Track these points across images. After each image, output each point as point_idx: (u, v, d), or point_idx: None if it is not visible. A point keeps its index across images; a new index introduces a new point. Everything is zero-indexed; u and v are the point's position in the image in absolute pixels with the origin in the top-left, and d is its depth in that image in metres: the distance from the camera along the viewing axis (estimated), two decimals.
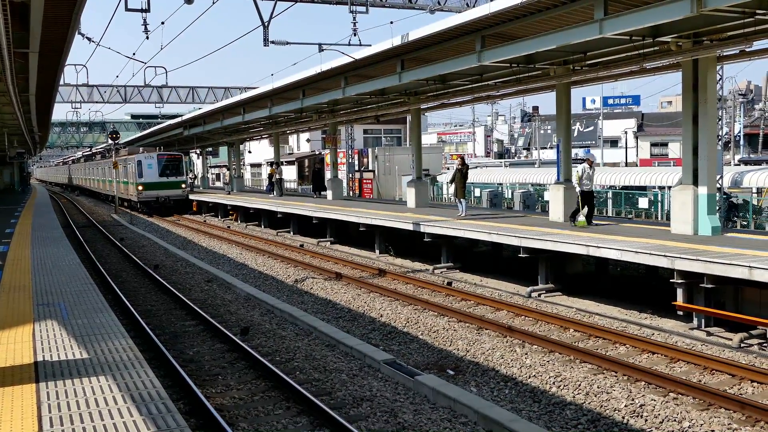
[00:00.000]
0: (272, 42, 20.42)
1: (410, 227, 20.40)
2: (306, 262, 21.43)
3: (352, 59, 20.58)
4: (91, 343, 8.43)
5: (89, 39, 21.10)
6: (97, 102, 43.08)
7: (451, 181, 22.46)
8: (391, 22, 22.44)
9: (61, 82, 27.93)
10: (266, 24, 19.52)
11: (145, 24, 25.56)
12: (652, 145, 69.27)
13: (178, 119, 47.68)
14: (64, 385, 6.80)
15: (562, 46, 14.66)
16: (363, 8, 21.45)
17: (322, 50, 21.30)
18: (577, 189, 17.56)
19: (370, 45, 20.61)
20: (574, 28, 13.72)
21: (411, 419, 8.27)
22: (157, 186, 41.65)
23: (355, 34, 21.46)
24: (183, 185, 42.99)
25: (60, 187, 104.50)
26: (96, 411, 6.09)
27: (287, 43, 21.27)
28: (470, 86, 22.38)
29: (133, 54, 45.80)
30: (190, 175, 52.38)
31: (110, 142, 46.67)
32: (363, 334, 12.99)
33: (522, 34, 15.47)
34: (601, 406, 8.90)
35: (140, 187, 41.48)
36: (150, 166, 41.62)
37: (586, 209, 17.22)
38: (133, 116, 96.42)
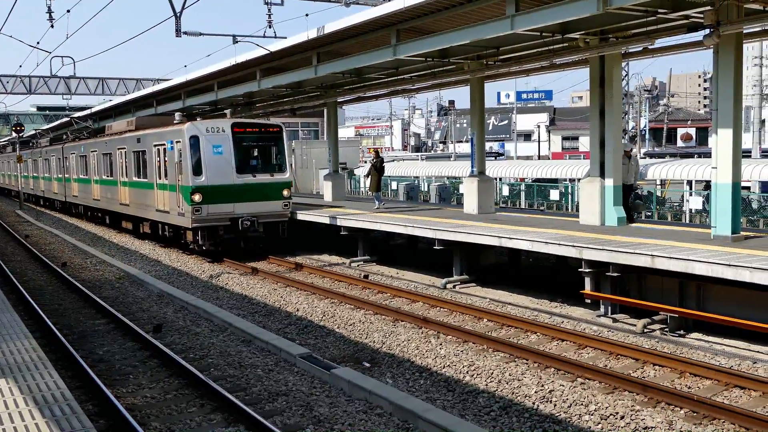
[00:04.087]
0: (185, 33, 19.99)
1: (327, 221, 20.39)
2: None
3: (268, 51, 20.36)
4: None
5: None
6: None
7: (367, 175, 22.57)
8: (307, 15, 22.28)
9: None
10: (178, 14, 19.07)
11: (49, 11, 24.57)
12: (564, 138, 71.31)
13: (87, 111, 45.85)
14: None
15: (475, 41, 14.88)
16: (278, 0, 21.22)
17: (237, 42, 20.99)
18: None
19: (285, 38, 20.44)
20: (487, 23, 13.96)
21: (327, 412, 8.28)
22: (233, 193, 20.04)
23: (270, 26, 21.19)
24: (285, 191, 20.95)
25: None
26: None
27: (200, 34, 20.89)
28: (386, 80, 22.52)
29: (37, 43, 43.93)
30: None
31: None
32: (279, 328, 12.91)
33: (437, 28, 15.64)
34: (513, 393, 9.13)
35: (196, 197, 19.46)
36: (217, 151, 19.95)
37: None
38: (40, 108, 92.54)
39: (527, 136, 71.02)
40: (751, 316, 10.72)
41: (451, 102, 77.49)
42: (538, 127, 67.71)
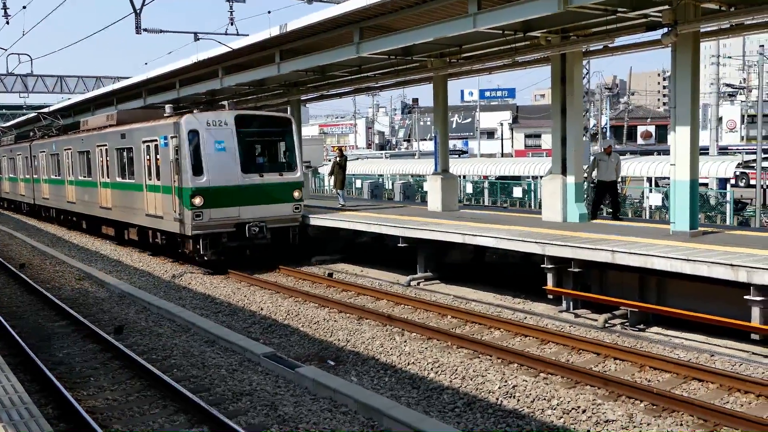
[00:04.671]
0: (145, 30, 19.79)
1: None
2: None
3: (230, 49, 20.19)
4: None
5: None
6: None
7: (331, 173, 22.53)
8: (269, 12, 22.17)
9: None
10: (138, 11, 18.85)
11: (5, 8, 24.12)
12: (527, 136, 71.94)
13: (45, 110, 44.90)
14: None
15: (438, 38, 14.93)
16: None
17: (198, 39, 20.88)
18: (590, 179, 17.47)
19: (247, 35, 20.31)
20: (449, 21, 14.00)
21: (291, 411, 8.25)
22: (238, 195, 17.83)
23: (232, 24, 21.15)
24: (297, 192, 18.82)
25: None
26: None
27: (161, 31, 20.68)
28: (350, 78, 22.46)
29: None
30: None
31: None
32: (243, 328, 12.83)
33: (400, 26, 15.64)
34: (477, 389, 9.19)
35: (196, 200, 17.29)
36: (219, 147, 17.68)
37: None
38: None
39: (490, 134, 71.52)
40: (708, 310, 10.92)
41: (415, 100, 77.77)
42: (501, 124, 68.21)
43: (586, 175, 17.21)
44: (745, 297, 10.13)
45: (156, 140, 18.77)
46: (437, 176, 19.74)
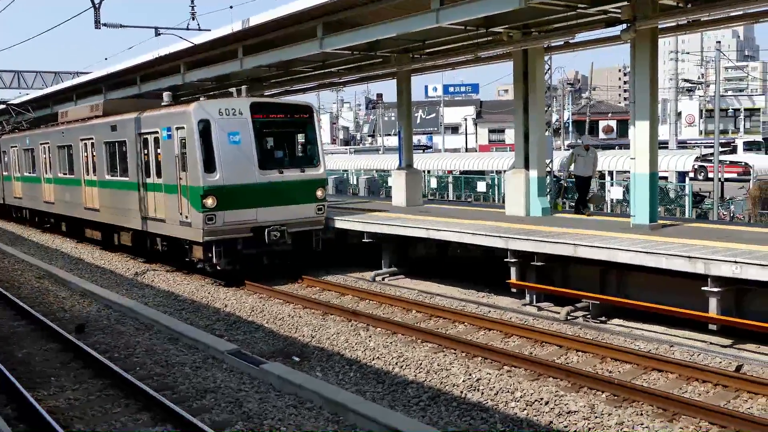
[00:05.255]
0: (104, 24, 19.45)
1: None
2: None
3: (192, 44, 19.98)
4: None
5: None
6: None
7: None
8: (231, 7, 21.93)
9: None
10: (97, 5, 18.55)
11: None
12: (490, 131, 72.36)
13: (1, 106, 43.81)
14: None
15: (401, 34, 14.95)
16: None
17: (159, 34, 20.52)
18: (563, 174, 17.51)
19: (209, 30, 20.09)
20: (413, 17, 14.03)
21: (256, 408, 8.22)
22: (255, 195, 15.64)
23: (193, 19, 20.80)
24: (320, 190, 16.72)
25: None
26: None
27: (121, 26, 20.36)
28: (314, 73, 22.39)
29: None
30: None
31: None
32: (207, 325, 12.74)
33: (364, 21, 15.61)
34: (441, 383, 9.25)
35: (209, 200, 15.05)
36: (233, 139, 15.49)
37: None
38: None
39: (455, 129, 71.82)
40: (668, 302, 11.13)
41: (380, 95, 77.74)
42: (466, 120, 68.54)
43: (561, 169, 17.27)
44: (702, 288, 10.35)
45: (156, 132, 16.64)
46: (401, 171, 19.79)
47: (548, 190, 20.62)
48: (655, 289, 11.60)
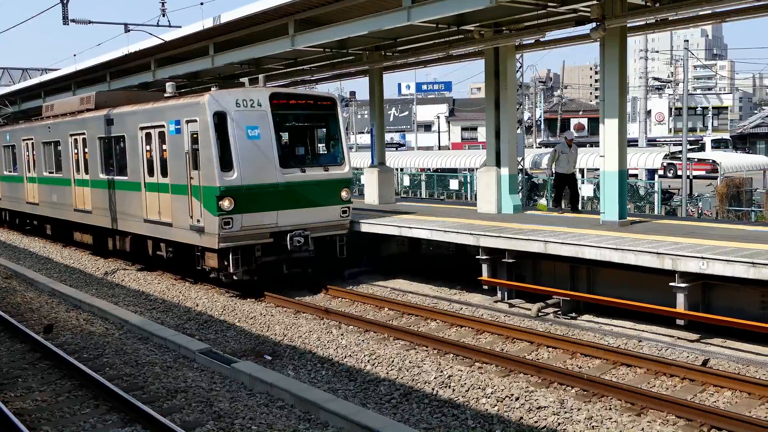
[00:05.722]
0: (73, 21, 19.23)
1: None
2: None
3: (162, 41, 19.81)
4: None
5: None
6: None
7: None
8: (202, 3, 21.72)
9: None
10: (65, 1, 18.33)
11: None
12: (463, 129, 72.61)
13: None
14: None
15: (373, 31, 14.94)
16: None
17: (129, 31, 20.32)
18: (549, 171, 17.15)
19: (180, 27, 19.93)
20: (384, 14, 14.04)
21: (227, 407, 8.18)
22: (276, 196, 14.23)
23: (164, 15, 20.67)
24: (345, 191, 15.30)
25: None
26: None
27: (89, 22, 20.10)
28: (285, 70, 22.33)
29: None
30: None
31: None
32: (178, 324, 12.65)
33: (336, 19, 15.59)
34: (413, 380, 9.28)
35: (225, 202, 13.58)
36: (252, 134, 14.08)
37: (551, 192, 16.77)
38: None
39: (428, 127, 71.99)
40: (637, 297, 11.28)
41: (352, 93, 77.46)
42: (438, 117, 68.72)
43: (547, 167, 17.18)
44: (670, 284, 10.49)
45: (162, 126, 15.07)
46: (374, 169, 19.80)
47: (520, 187, 20.75)
48: (624, 285, 11.74)
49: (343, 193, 15.10)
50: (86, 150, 18.92)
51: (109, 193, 17.82)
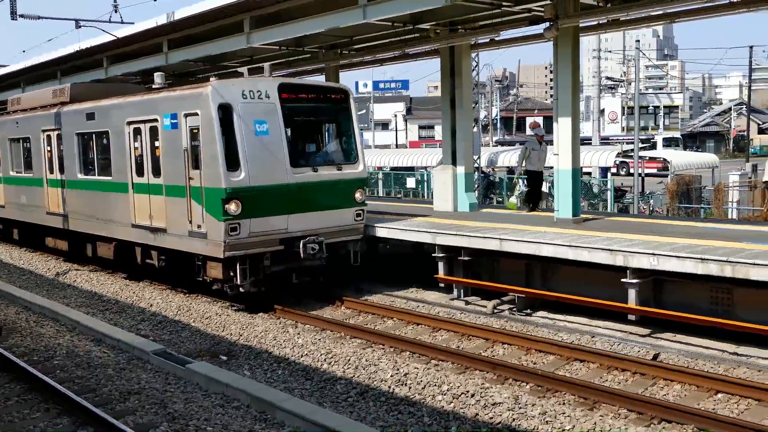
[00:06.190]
0: (21, 16, 18.81)
1: None
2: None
3: (115, 37, 19.50)
4: None
5: None
6: None
7: None
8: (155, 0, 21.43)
9: None
10: None
11: None
12: (420, 127, 72.89)
13: None
14: None
15: (330, 29, 14.94)
16: None
17: (80, 27, 20.00)
18: (517, 170, 17.04)
19: (133, 23, 19.66)
20: (340, 12, 14.02)
21: (182, 408, 8.09)
22: (287, 198, 12.91)
23: (116, 11, 20.34)
24: (359, 192, 14.12)
25: None
26: None
27: (39, 17, 19.69)
28: (242, 68, 22.04)
29: None
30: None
31: None
32: (132, 325, 12.46)
33: (292, 16, 15.51)
34: (369, 378, 9.29)
35: (231, 205, 12.22)
36: (260, 129, 12.76)
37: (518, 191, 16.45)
38: None
39: (385, 125, 72.07)
40: (590, 293, 11.45)
41: None
42: (396, 116, 68.86)
43: (517, 164, 16.89)
44: (622, 280, 10.68)
45: (155, 121, 13.68)
46: None
47: (476, 186, 20.91)
48: (578, 281, 11.91)
49: (357, 195, 13.94)
50: (62, 147, 17.39)
51: (89, 195, 16.37)
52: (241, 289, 12.56)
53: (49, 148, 18.10)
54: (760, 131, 69.70)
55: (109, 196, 15.50)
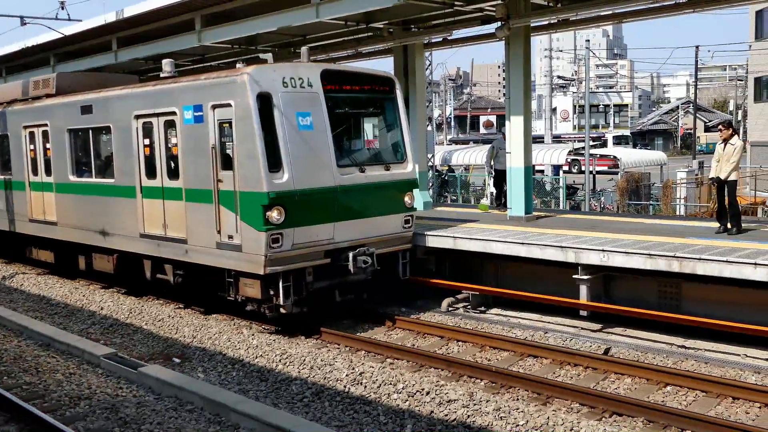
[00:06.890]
0: None
1: None
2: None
3: (62, 35, 19.10)
4: None
5: None
6: None
7: None
8: None
9: None
10: None
11: None
12: None
13: None
14: None
15: (282, 28, 14.85)
16: None
17: (25, 24, 19.49)
18: (486, 169, 16.74)
19: (81, 20, 19.28)
20: (293, 10, 13.97)
21: (134, 413, 7.96)
22: (333, 204, 11.08)
23: (63, 8, 19.90)
24: (408, 196, 12.19)
25: None
26: None
27: None
28: (193, 67, 21.85)
29: None
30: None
31: None
32: (82, 329, 12.21)
33: (244, 15, 15.38)
34: (325, 378, 9.26)
35: (274, 213, 10.29)
36: (304, 123, 10.77)
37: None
38: None
39: None
40: (543, 290, 11.61)
41: None
42: None
43: (485, 164, 16.77)
44: (573, 276, 10.84)
45: (173, 114, 11.77)
46: None
47: (430, 184, 21.02)
48: (530, 278, 12.06)
49: (407, 199, 12.18)
50: (49, 146, 15.25)
51: (84, 201, 14.37)
52: (282, 310, 10.89)
53: (32, 147, 15.88)
54: (707, 129, 71.49)
55: (110, 202, 13.59)
